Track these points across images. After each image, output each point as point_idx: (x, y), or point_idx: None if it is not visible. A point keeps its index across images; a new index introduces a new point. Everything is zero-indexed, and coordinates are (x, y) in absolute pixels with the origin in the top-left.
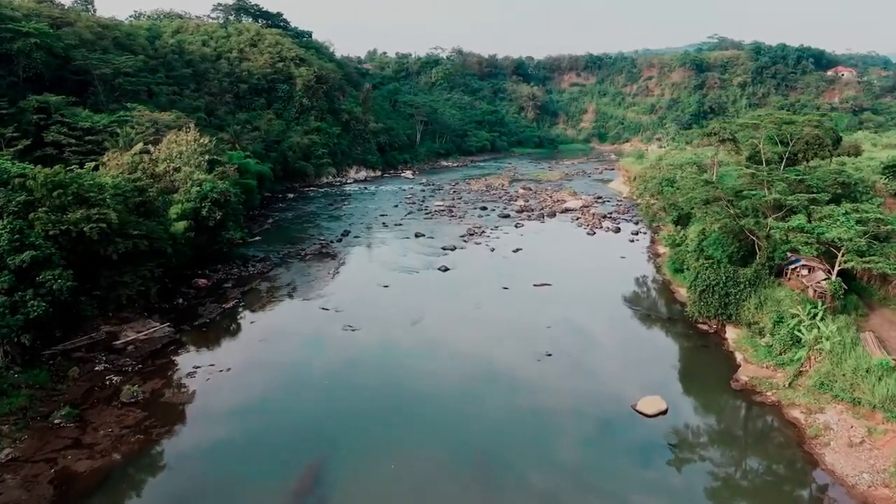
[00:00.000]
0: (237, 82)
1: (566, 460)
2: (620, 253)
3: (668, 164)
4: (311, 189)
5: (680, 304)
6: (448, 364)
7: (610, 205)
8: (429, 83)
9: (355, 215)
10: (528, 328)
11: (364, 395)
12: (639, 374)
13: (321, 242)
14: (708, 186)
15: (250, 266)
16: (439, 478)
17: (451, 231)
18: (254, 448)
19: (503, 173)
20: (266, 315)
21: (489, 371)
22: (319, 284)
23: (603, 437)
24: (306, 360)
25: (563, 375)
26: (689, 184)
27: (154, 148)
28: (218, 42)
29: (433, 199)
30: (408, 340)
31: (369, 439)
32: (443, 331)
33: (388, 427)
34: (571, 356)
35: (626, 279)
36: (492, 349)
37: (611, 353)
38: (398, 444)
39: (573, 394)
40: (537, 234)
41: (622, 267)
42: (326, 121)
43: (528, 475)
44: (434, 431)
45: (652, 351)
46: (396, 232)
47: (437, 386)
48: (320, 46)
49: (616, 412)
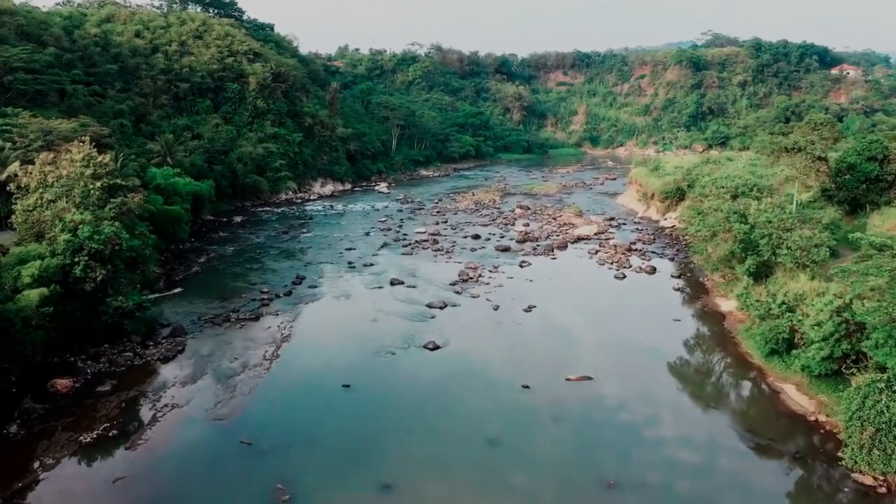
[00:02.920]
0: (176, 80)
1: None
2: (669, 311)
3: (714, 184)
4: (264, 209)
5: (797, 417)
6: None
7: (628, 229)
8: (405, 82)
9: (315, 248)
10: (583, 491)
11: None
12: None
13: (263, 298)
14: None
15: (151, 346)
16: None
17: (439, 273)
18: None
19: (492, 186)
20: (139, 459)
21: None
22: (245, 383)
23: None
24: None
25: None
26: (778, 221)
27: (22, 171)
28: (155, 33)
29: (413, 221)
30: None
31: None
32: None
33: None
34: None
35: (695, 363)
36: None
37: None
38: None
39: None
40: (550, 277)
41: (680, 335)
42: (286, 126)
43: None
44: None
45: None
46: (367, 276)
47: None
48: (281, 40)
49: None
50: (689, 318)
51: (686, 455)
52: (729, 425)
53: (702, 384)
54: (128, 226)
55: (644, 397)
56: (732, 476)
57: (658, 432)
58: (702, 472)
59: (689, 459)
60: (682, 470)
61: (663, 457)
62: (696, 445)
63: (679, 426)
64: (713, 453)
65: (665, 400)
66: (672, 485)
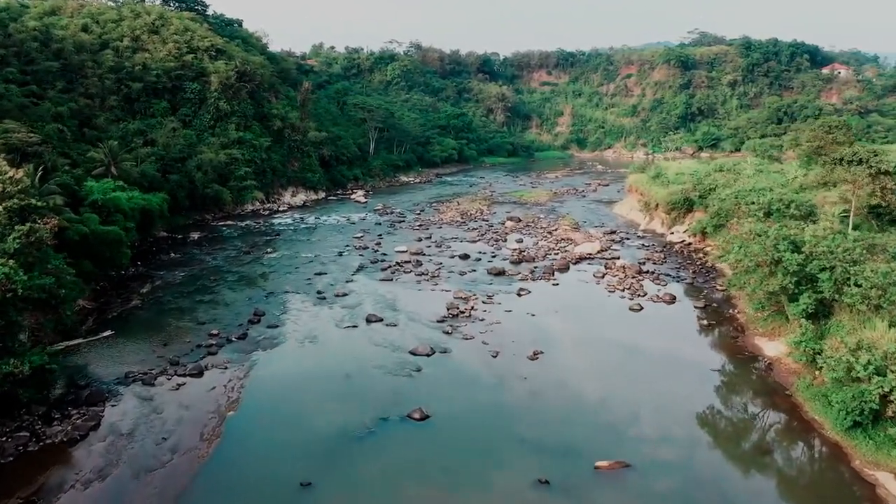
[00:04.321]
0: (128, 79)
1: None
2: (703, 355)
3: (740, 198)
4: (227, 223)
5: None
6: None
7: (632, 245)
8: (384, 82)
9: (279, 273)
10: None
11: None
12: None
13: (211, 344)
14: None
15: (57, 421)
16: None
17: (424, 306)
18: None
19: (478, 194)
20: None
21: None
22: (172, 480)
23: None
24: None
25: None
26: (843, 251)
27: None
28: (105, 27)
29: (393, 237)
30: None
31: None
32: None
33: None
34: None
35: (752, 438)
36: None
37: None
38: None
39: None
40: (556, 309)
41: (724, 394)
42: (252, 130)
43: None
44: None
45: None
46: (338, 310)
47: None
48: (249, 37)
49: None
50: (729, 366)
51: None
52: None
53: (766, 469)
54: (38, 259)
55: (699, 490)
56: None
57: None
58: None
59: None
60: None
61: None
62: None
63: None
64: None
65: (726, 494)
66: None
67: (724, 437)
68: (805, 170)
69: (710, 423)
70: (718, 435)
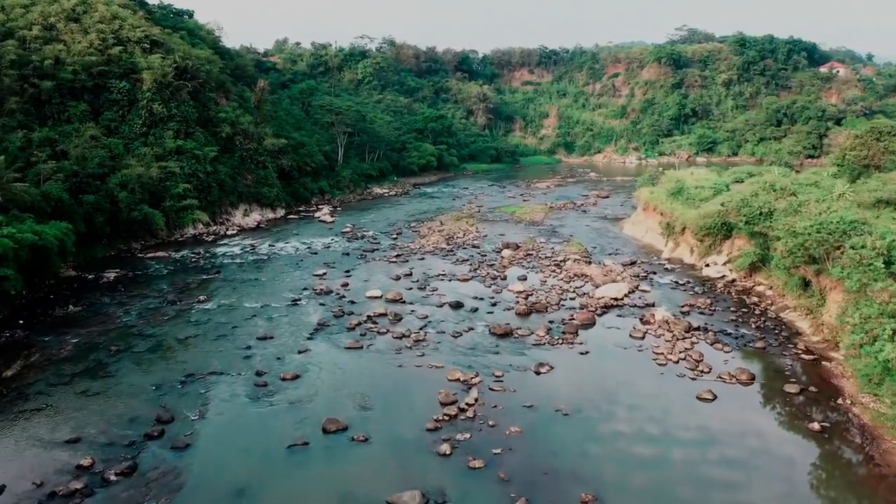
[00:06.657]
0: (35, 77)
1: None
2: (836, 495)
3: (834, 236)
4: (157, 255)
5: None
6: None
7: (661, 282)
8: (354, 81)
9: (209, 337)
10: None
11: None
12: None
13: (72, 490)
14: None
15: None
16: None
17: (406, 395)
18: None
19: (463, 209)
20: None
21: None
22: None
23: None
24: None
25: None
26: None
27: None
28: (10, 14)
29: (363, 272)
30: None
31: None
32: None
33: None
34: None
35: None
36: None
37: None
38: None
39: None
40: (593, 401)
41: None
42: (195, 137)
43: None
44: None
45: None
46: (281, 412)
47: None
48: (197, 28)
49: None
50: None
51: None
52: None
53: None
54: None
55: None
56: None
57: None
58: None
59: None
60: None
61: None
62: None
63: None
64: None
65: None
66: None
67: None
68: (850, 184)
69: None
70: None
